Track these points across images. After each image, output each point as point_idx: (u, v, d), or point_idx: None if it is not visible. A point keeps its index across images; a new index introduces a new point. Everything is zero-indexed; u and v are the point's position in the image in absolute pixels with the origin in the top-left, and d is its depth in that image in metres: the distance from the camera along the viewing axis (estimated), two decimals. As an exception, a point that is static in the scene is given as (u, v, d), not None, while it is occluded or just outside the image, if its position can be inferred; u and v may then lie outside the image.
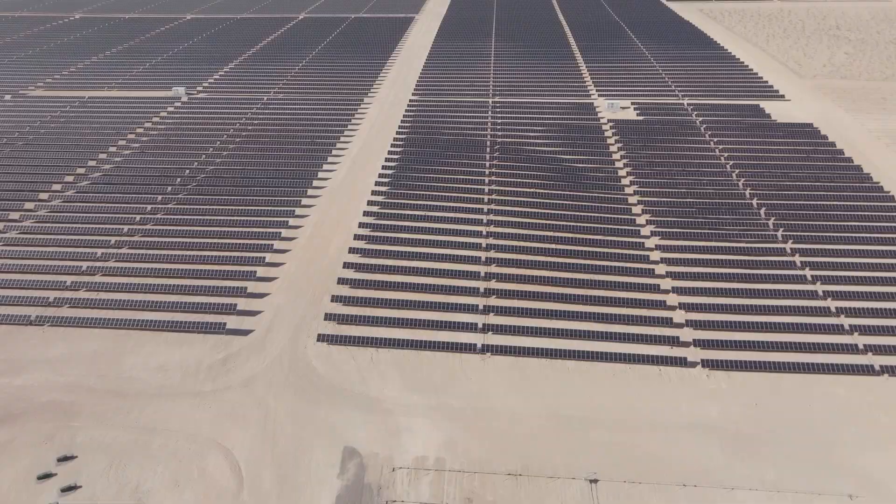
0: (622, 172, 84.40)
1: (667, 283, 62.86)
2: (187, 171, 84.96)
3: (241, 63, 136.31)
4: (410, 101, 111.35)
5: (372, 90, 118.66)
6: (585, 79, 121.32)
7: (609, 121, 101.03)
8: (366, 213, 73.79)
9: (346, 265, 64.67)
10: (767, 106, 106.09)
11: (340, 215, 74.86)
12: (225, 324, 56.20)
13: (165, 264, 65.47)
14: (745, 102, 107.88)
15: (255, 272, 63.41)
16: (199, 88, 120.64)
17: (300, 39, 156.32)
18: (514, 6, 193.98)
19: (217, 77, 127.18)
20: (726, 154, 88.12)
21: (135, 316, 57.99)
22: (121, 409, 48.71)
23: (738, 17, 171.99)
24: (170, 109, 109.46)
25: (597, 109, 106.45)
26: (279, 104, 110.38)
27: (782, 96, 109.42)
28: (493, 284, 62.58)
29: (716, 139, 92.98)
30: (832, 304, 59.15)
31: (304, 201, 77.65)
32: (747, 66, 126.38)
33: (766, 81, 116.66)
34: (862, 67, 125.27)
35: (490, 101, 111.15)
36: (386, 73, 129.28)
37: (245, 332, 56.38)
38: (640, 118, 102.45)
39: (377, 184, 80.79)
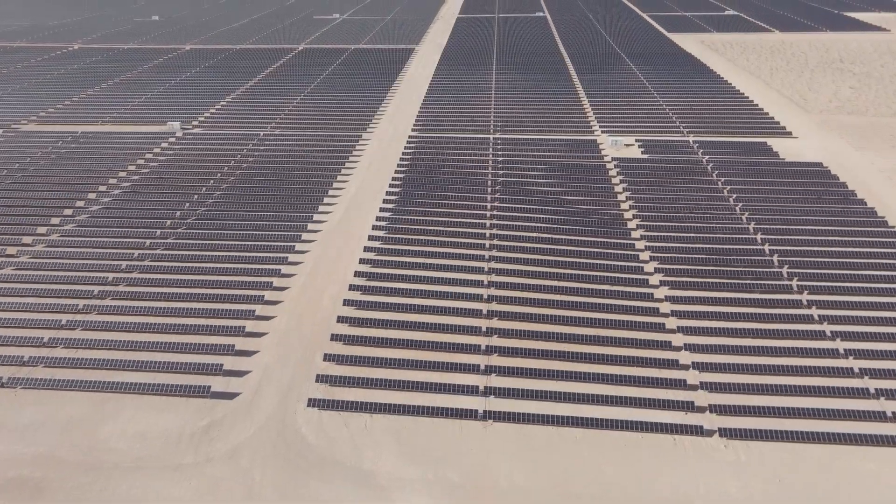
0: (628, 215, 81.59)
1: (678, 339, 59.59)
2: (178, 212, 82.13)
3: (238, 96, 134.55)
4: (410, 136, 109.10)
5: (371, 125, 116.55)
6: (588, 114, 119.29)
7: (613, 159, 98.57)
8: (362, 261, 70.75)
9: (340, 319, 61.43)
10: (775, 143, 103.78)
11: (335, 262, 71.83)
12: (210, 386, 52.77)
13: (151, 318, 62.27)
14: (751, 140, 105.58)
15: (244, 327, 60.14)
16: (195, 123, 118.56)
17: (299, 71, 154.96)
18: (514, 37, 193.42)
19: (214, 111, 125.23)
20: (735, 196, 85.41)
21: (115, 377, 54.61)
22: (93, 486, 45.10)
23: (740, 49, 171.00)
24: (163, 145, 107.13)
25: (600, 146, 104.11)
26: (275, 141, 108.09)
27: (789, 133, 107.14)
28: (496, 341, 59.29)
29: (723, 179, 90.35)
30: (855, 365, 55.79)
31: (298, 246, 74.69)
32: (752, 100, 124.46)
33: (772, 117, 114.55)
34: (868, 102, 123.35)
35: (491, 137, 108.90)
36: (385, 106, 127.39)
37: (231, 396, 52.93)
38: (645, 156, 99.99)
39: (374, 227, 77.89)
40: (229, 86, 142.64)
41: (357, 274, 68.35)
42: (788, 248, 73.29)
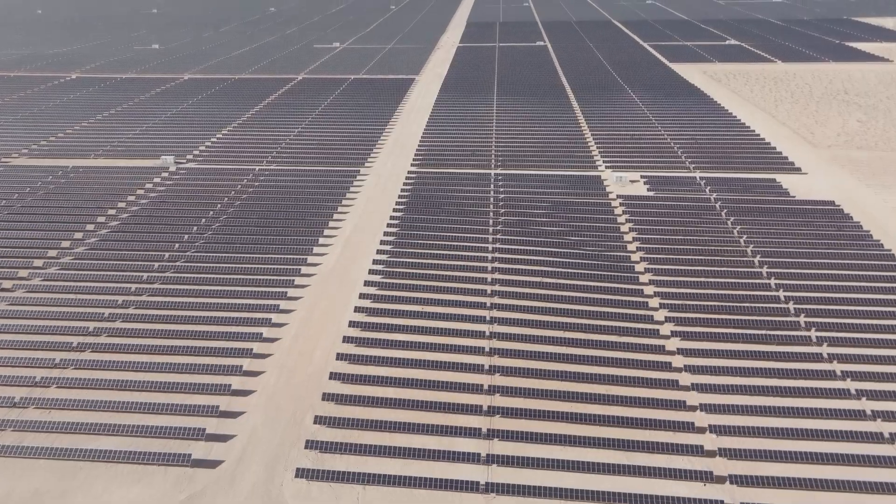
0: (635, 258, 78.29)
1: (693, 398, 55.85)
2: (166, 255, 78.86)
3: (234, 129, 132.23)
4: (409, 172, 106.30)
5: (369, 159, 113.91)
6: (591, 148, 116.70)
7: (618, 196, 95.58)
8: (357, 309, 67.25)
9: (333, 375, 57.74)
10: (784, 180, 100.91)
11: (329, 311, 68.32)
12: (191, 454, 48.88)
13: (132, 373, 58.63)
14: (760, 176, 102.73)
15: (230, 385, 56.43)
16: (189, 157, 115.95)
17: (297, 101, 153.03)
18: (515, 66, 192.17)
19: (210, 143, 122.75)
20: (745, 237, 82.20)
21: (89, 443, 50.76)
22: (58, 573, 41.12)
23: (743, 80, 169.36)
24: (155, 181, 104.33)
25: (605, 183, 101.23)
26: (270, 177, 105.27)
27: (798, 169, 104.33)
28: (498, 400, 55.53)
29: (733, 219, 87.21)
30: (885, 429, 51.94)
31: (291, 292, 71.27)
32: (758, 133, 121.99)
33: (780, 152, 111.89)
34: (877, 136, 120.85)
35: (492, 172, 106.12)
36: (384, 140, 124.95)
37: (213, 464, 49.04)
38: (651, 193, 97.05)
39: (371, 272, 74.53)
40: (226, 117, 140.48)
41: (352, 324, 64.78)
42: (804, 294, 69.85)
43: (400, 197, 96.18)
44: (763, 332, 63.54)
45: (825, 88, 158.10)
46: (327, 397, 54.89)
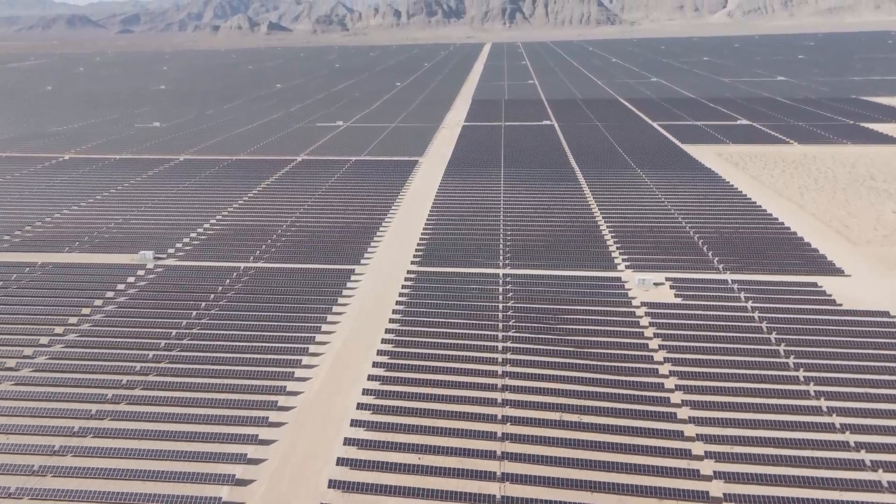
0: (669, 385, 66.91)
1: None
2: (124, 380, 68.02)
3: (223, 218, 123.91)
4: (409, 272, 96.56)
5: (367, 253, 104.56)
6: (608, 243, 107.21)
7: (642, 304, 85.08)
8: (340, 462, 55.60)
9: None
10: (827, 284, 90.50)
11: (307, 457, 56.74)
12: None
13: (115, 482, 46.72)
14: (798, 279, 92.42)
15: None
16: (172, 250, 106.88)
17: (294, 186, 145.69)
18: (522, 148, 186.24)
19: (194, 235, 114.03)
20: (793, 357, 71.05)
21: None
22: None
23: (762, 164, 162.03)
24: (130, 280, 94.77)
25: (625, 285, 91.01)
26: (255, 278, 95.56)
27: (840, 270, 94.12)
28: None
29: (775, 335, 76.27)
30: None
31: (263, 433, 59.87)
32: (788, 227, 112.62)
33: (816, 249, 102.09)
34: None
35: (501, 272, 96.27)
36: (384, 230, 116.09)
37: None
38: (679, 300, 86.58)
39: (359, 406, 63.30)
40: (216, 204, 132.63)
41: (331, 484, 53.00)
42: (875, 439, 58.00)
43: (398, 303, 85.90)
44: (827, 473, 51.41)
45: (850, 174, 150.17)
46: None
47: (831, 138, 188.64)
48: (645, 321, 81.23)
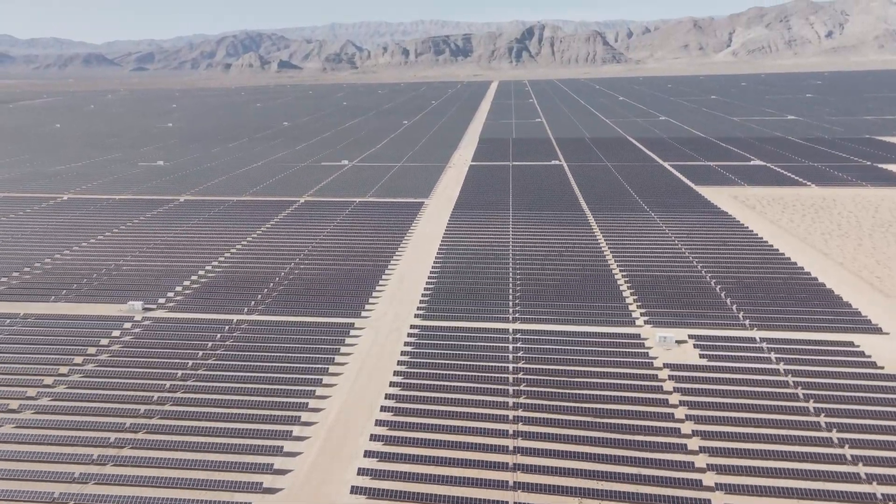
0: (700, 464, 59.79)
1: None
2: (95, 454, 61.52)
3: (220, 263, 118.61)
4: (412, 327, 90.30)
5: (368, 305, 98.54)
6: (625, 295, 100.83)
7: (665, 365, 78.26)
8: (329, 562, 48.69)
9: None
10: (864, 343, 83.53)
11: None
12: None
13: None
14: (833, 337, 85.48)
15: None
16: (162, 300, 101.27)
17: (294, 230, 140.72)
18: (531, 188, 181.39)
19: (188, 283, 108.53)
20: (836, 430, 63.87)
21: None
22: None
23: (780, 207, 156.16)
24: (115, 334, 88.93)
25: (645, 343, 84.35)
26: (247, 332, 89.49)
27: (878, 328, 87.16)
28: None
29: (812, 401, 69.22)
30: None
31: (244, 523, 53.06)
32: (815, 277, 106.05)
33: (848, 303, 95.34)
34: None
35: (511, 327, 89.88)
36: (387, 279, 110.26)
37: None
38: (704, 362, 79.70)
39: (354, 490, 56.44)
40: (211, 251, 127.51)
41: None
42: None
43: (399, 363, 79.42)
44: None
45: (873, 218, 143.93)
46: None
47: (850, 180, 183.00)
48: (668, 385, 74.35)
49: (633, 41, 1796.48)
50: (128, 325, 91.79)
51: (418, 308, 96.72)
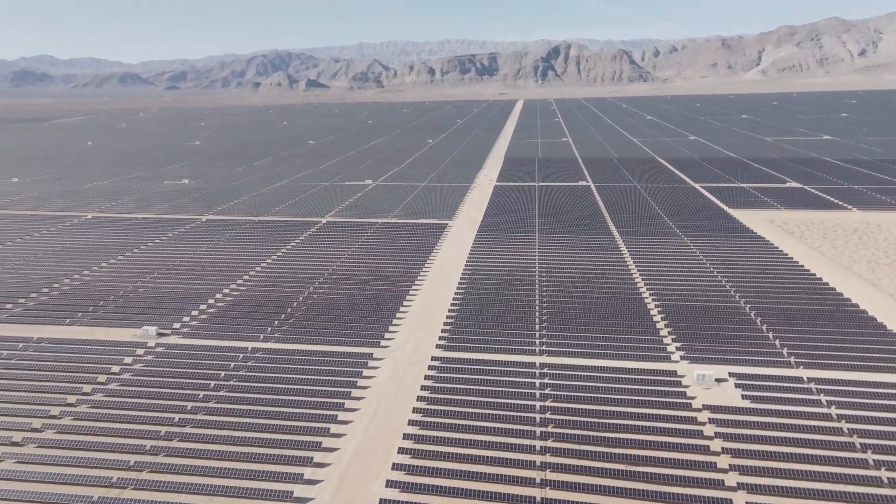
0: (738, 498, 54.18)
1: None
2: (95, 496, 58.06)
3: (238, 286, 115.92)
4: (433, 359, 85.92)
5: (387, 334, 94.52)
6: (659, 327, 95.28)
7: (704, 406, 72.54)
8: None
9: None
10: (923, 385, 76.75)
11: None
12: None
13: None
14: (890, 378, 78.83)
15: None
16: (177, 325, 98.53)
17: (314, 252, 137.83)
18: (557, 210, 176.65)
19: (205, 307, 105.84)
20: (904, 490, 57.64)
21: None
22: None
23: (820, 233, 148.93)
24: (126, 361, 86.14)
25: (682, 381, 78.70)
26: (261, 361, 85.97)
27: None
28: None
29: (871, 452, 62.95)
30: None
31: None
32: (864, 310, 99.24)
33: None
34: None
35: (538, 360, 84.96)
36: (408, 306, 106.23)
37: None
38: (747, 403, 73.76)
39: (366, 544, 51.98)
40: (229, 273, 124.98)
41: None
42: None
43: (418, 401, 74.94)
44: None
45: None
46: None
47: (893, 204, 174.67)
48: (709, 429, 68.62)
49: (660, 60, 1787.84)
50: (140, 351, 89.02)
51: (440, 338, 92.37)
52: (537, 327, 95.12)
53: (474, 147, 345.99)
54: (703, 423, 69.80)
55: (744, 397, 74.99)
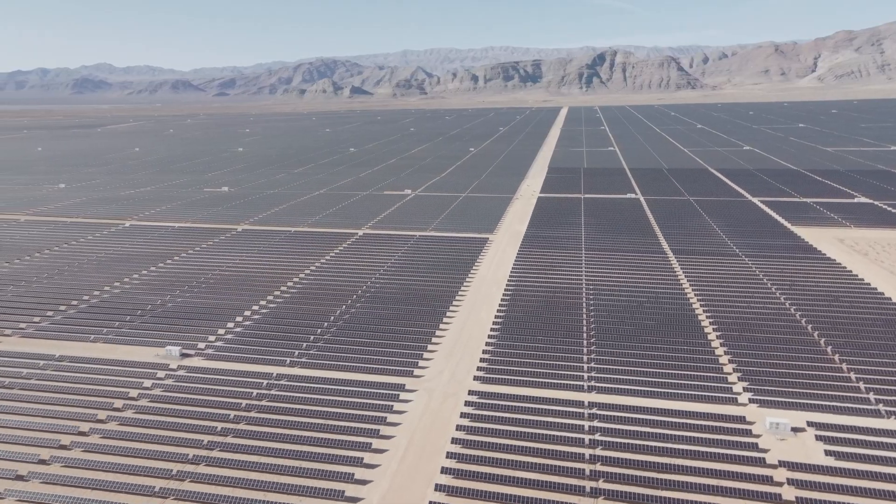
0: None
1: None
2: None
3: (265, 305, 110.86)
4: (470, 392, 78.53)
5: (422, 362, 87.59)
6: (722, 362, 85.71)
7: (780, 462, 63.11)
8: None
9: None
10: None
11: None
12: None
13: None
14: None
15: None
16: (202, 346, 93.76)
17: (349, 267, 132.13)
18: (605, 225, 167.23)
19: (231, 325, 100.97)
20: None
21: None
22: None
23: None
24: (146, 384, 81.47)
25: (752, 430, 69.28)
26: (286, 390, 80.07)
27: None
28: None
29: None
30: None
31: None
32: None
33: None
34: None
35: (586, 398, 76.69)
36: (444, 331, 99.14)
37: None
38: (830, 461, 63.93)
39: None
40: (259, 289, 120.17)
41: None
42: None
43: (453, 443, 67.66)
44: None
45: None
46: None
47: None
48: (788, 492, 59.23)
49: (709, 66, 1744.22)
50: (161, 373, 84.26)
51: (478, 367, 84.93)
52: (585, 359, 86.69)
53: (517, 156, 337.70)
54: (780, 485, 60.49)
55: (827, 453, 65.12)
